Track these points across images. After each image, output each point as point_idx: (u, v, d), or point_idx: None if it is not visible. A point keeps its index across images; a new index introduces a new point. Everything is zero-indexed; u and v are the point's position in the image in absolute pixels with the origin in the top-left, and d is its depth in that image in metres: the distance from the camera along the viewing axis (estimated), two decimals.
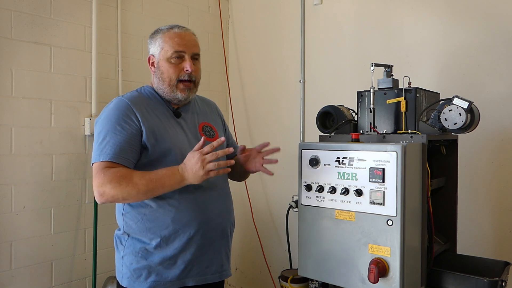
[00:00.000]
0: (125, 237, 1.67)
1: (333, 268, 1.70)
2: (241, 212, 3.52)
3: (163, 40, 1.70)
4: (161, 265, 1.62)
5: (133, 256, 1.64)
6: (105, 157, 1.54)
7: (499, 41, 2.43)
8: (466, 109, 1.68)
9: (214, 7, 3.56)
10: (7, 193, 2.35)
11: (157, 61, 1.71)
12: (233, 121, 3.59)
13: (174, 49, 1.67)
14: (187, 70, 1.68)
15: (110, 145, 1.56)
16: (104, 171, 1.53)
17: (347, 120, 1.96)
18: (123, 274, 1.66)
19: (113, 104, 1.66)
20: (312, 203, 1.77)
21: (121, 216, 1.69)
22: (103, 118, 1.63)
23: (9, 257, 2.36)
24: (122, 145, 1.57)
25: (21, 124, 2.40)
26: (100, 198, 1.54)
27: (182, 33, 1.71)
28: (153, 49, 1.73)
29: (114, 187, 1.51)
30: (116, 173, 1.52)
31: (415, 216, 1.64)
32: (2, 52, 2.34)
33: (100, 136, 1.59)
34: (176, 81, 1.68)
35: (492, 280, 1.63)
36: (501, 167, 2.43)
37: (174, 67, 1.68)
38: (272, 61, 3.39)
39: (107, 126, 1.60)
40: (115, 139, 1.57)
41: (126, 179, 1.52)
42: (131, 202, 1.62)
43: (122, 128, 1.59)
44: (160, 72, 1.70)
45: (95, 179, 1.54)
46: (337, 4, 3.05)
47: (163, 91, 1.71)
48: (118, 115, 1.61)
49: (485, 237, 2.47)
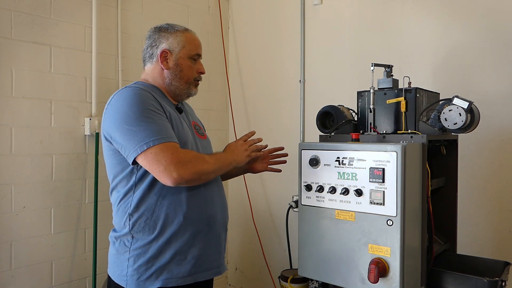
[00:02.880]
0: (129, 238, 1.62)
1: (333, 268, 1.70)
2: (241, 212, 3.52)
3: (185, 39, 1.73)
4: (172, 261, 1.61)
5: (142, 256, 1.60)
6: (166, 138, 1.52)
7: (499, 41, 2.43)
8: (466, 109, 1.68)
9: (214, 7, 3.56)
10: (7, 193, 2.35)
11: (176, 57, 1.71)
12: (233, 121, 3.59)
13: (197, 51, 1.76)
14: (202, 72, 1.79)
15: (161, 127, 1.53)
16: (179, 151, 1.52)
17: (347, 120, 1.96)
18: (129, 277, 1.60)
19: (132, 91, 1.59)
20: (312, 203, 1.77)
21: (126, 216, 1.62)
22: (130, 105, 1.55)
23: (9, 257, 2.36)
24: (168, 127, 1.57)
25: (21, 124, 2.40)
26: (179, 178, 1.50)
27: (197, 38, 1.80)
28: (170, 44, 1.71)
29: (194, 165, 1.53)
30: (191, 153, 1.57)
31: (415, 216, 1.64)
32: (2, 52, 2.34)
33: (140, 120, 1.51)
34: (193, 80, 1.77)
35: (492, 280, 1.63)
36: (501, 167, 2.43)
37: (193, 67, 1.76)
38: (272, 61, 3.39)
39: (142, 110, 1.53)
40: (161, 121, 1.55)
41: (201, 158, 1.58)
42: (201, 183, 1.62)
43: (158, 112, 1.57)
44: (179, 69, 1.72)
45: (167, 160, 1.48)
46: (337, 4, 3.05)
47: (176, 86, 1.73)
48: (146, 100, 1.57)
49: (485, 237, 2.47)
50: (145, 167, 1.53)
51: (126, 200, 1.63)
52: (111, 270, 1.68)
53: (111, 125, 1.57)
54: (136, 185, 1.61)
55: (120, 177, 1.64)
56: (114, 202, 1.68)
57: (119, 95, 1.61)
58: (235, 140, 1.77)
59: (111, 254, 1.69)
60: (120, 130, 1.54)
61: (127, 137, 1.52)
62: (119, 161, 1.61)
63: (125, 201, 1.63)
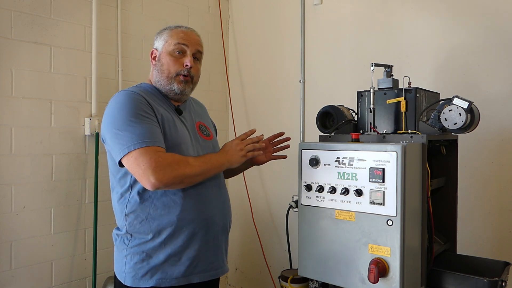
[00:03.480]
0: (128, 236, 1.65)
1: (333, 268, 1.70)
2: (241, 212, 3.52)
3: (168, 35, 1.74)
4: (166, 262, 1.62)
5: (138, 255, 1.62)
6: (148, 142, 1.51)
7: (499, 41, 2.43)
8: (466, 109, 1.68)
9: (214, 7, 3.56)
10: (7, 193, 2.35)
11: (159, 54, 1.74)
12: (233, 121, 3.59)
13: (177, 41, 1.71)
14: (186, 65, 1.71)
15: (146, 130, 1.53)
16: (158, 155, 1.50)
17: (347, 120, 1.96)
18: (126, 274, 1.64)
19: (125, 95, 1.61)
20: (312, 203, 1.77)
21: (123, 217, 1.66)
22: (119, 109, 1.57)
23: (9, 257, 2.36)
24: (155, 130, 1.56)
25: (21, 124, 2.40)
26: (157, 183, 1.49)
27: (188, 31, 1.77)
28: (157, 43, 1.76)
29: (174, 169, 1.51)
30: (172, 157, 1.54)
31: (415, 216, 1.64)
32: (2, 52, 2.34)
33: (126, 124, 1.54)
34: (175, 74, 1.71)
35: (492, 280, 1.63)
36: (501, 167, 2.43)
37: (174, 60, 1.71)
38: (272, 61, 3.39)
39: (130, 114, 1.55)
40: (147, 125, 1.55)
41: (183, 161, 1.55)
42: (185, 186, 1.60)
43: (147, 116, 1.57)
44: (160, 64, 1.72)
45: (145, 164, 1.48)
46: (337, 4, 3.05)
47: (161, 83, 1.72)
48: (136, 104, 1.58)
49: (485, 237, 2.47)
50: (129, 170, 1.56)
51: (123, 201, 1.65)
52: (115, 266, 1.72)
53: (104, 128, 1.62)
54: (132, 186, 1.63)
55: (117, 178, 1.66)
56: (114, 200, 1.71)
57: (113, 99, 1.64)
58: (232, 140, 1.74)
59: (114, 250, 1.73)
60: (110, 133, 1.58)
61: (115, 140, 1.55)
62: (115, 163, 1.63)
63: (122, 202, 1.66)
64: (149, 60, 1.79)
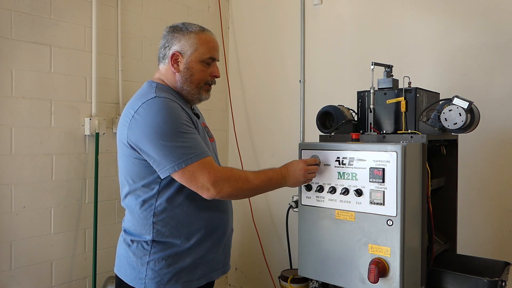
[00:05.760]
0: (150, 242, 1.60)
1: (333, 268, 1.70)
2: (241, 212, 3.52)
3: (198, 42, 1.66)
4: (191, 265, 1.63)
5: (164, 260, 1.60)
6: (200, 155, 1.52)
7: (499, 41, 2.43)
8: (466, 109, 1.68)
9: (214, 7, 3.56)
10: (7, 193, 2.35)
11: (187, 60, 1.66)
12: (233, 121, 3.59)
13: (211, 54, 1.68)
14: (215, 76, 1.72)
15: (195, 142, 1.54)
16: (216, 169, 1.53)
17: (347, 120, 1.96)
18: (148, 279, 1.59)
19: (164, 103, 1.55)
20: (312, 203, 1.77)
21: (148, 224, 1.61)
22: (163, 119, 1.52)
23: (9, 257, 2.36)
24: (200, 139, 1.57)
25: (21, 124, 2.40)
26: (215, 194, 1.52)
27: (214, 39, 1.72)
28: (182, 47, 1.66)
29: (232, 185, 1.54)
30: (231, 171, 1.57)
31: (415, 216, 1.64)
32: (2, 52, 2.34)
33: (176, 136, 1.51)
34: (204, 84, 1.71)
35: (492, 280, 1.63)
36: (501, 167, 2.43)
37: (205, 70, 1.69)
38: (272, 61, 3.39)
39: (177, 125, 1.52)
40: (194, 135, 1.55)
41: (242, 177, 1.58)
42: (240, 198, 1.68)
43: (190, 125, 1.56)
44: (190, 73, 1.66)
45: (204, 179, 1.50)
46: (337, 4, 3.05)
47: (188, 91, 1.69)
48: (178, 114, 1.55)
49: (485, 237, 2.47)
50: (182, 182, 1.55)
51: (148, 207, 1.61)
52: (124, 273, 1.65)
53: (143, 137, 1.53)
54: (159, 193, 1.59)
55: (139, 184, 1.61)
56: (132, 206, 1.64)
57: (149, 106, 1.55)
58: (298, 161, 1.72)
59: (123, 256, 1.66)
60: (155, 144, 1.51)
61: (163, 152, 1.50)
62: (142, 169, 1.58)
63: (147, 209, 1.61)
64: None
